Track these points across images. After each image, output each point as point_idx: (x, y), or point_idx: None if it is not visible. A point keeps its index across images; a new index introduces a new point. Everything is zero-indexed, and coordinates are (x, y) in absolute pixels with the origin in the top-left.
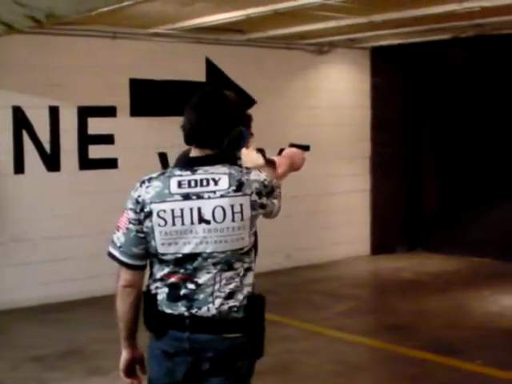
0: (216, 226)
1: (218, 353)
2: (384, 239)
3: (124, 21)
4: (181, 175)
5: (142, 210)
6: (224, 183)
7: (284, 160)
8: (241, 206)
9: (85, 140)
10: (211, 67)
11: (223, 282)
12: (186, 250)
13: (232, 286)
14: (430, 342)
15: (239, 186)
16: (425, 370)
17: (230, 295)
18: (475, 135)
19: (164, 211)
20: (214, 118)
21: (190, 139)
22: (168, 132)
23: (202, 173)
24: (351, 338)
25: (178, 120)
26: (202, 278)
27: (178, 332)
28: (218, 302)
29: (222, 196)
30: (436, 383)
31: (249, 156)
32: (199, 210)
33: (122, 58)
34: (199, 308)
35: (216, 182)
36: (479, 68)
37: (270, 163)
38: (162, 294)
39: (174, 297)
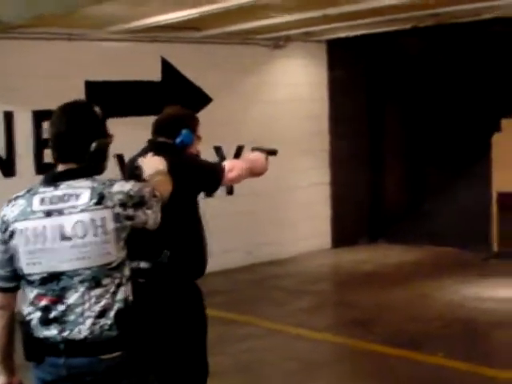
0: (78, 241)
1: (97, 376)
2: (345, 232)
3: (78, 22)
4: (44, 192)
5: (6, 229)
6: (85, 197)
7: (240, 164)
8: (102, 219)
9: (40, 144)
10: (167, 66)
11: (93, 300)
12: (51, 268)
13: (102, 303)
14: (391, 335)
15: (100, 199)
16: (387, 365)
17: (102, 313)
18: (436, 124)
19: (27, 229)
20: (72, 131)
21: (53, 154)
22: (125, 133)
23: (64, 188)
24: (312, 334)
25: (136, 120)
26: (71, 298)
27: (55, 358)
28: (88, 322)
29: (82, 211)
30: (398, 378)
31: (149, 162)
32: (61, 226)
33: (78, 59)
34: (71, 330)
35: (77, 197)
36: (439, 57)
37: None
38: (35, 318)
39: (45, 320)
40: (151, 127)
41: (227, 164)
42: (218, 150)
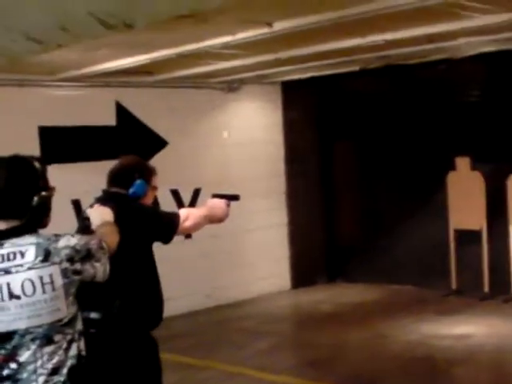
0: (27, 300)
1: None
2: (304, 272)
3: (30, 68)
4: None
5: None
6: (31, 255)
7: (196, 212)
8: (50, 276)
9: None
10: (121, 110)
11: (45, 357)
12: (1, 328)
13: (55, 360)
14: (351, 375)
15: (46, 256)
16: None
17: (55, 371)
18: (391, 161)
19: None
20: (12, 188)
21: None
22: (81, 179)
23: (8, 246)
24: (272, 377)
25: (90, 166)
26: (23, 356)
27: None
28: (41, 379)
29: (29, 268)
30: None
31: (96, 212)
32: (8, 285)
33: (31, 105)
34: None
35: (23, 255)
36: (389, 95)
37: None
38: None
39: None
40: (106, 177)
41: (182, 213)
42: (174, 193)
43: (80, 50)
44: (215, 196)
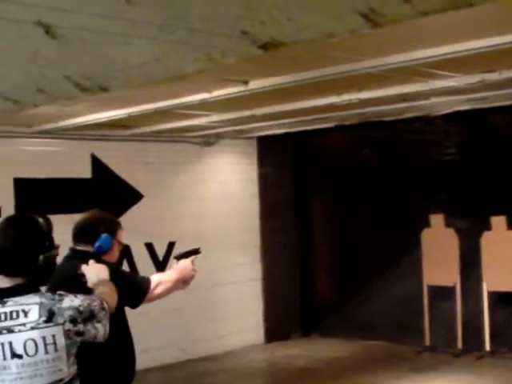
0: (29, 360)
1: None
2: (278, 326)
3: (6, 120)
4: None
5: None
6: (34, 314)
7: (166, 278)
8: (53, 336)
9: None
10: (97, 163)
11: None
12: None
13: None
14: None
15: (50, 316)
16: None
17: None
18: (364, 216)
19: None
20: (19, 247)
21: None
22: (56, 231)
23: (11, 305)
24: None
25: (65, 218)
26: None
27: None
28: None
29: (32, 328)
30: None
31: (92, 270)
32: (10, 344)
33: (6, 157)
34: None
35: (26, 314)
36: (364, 151)
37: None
38: None
39: None
40: (71, 233)
41: (154, 279)
42: (148, 246)
43: (57, 104)
44: (178, 257)
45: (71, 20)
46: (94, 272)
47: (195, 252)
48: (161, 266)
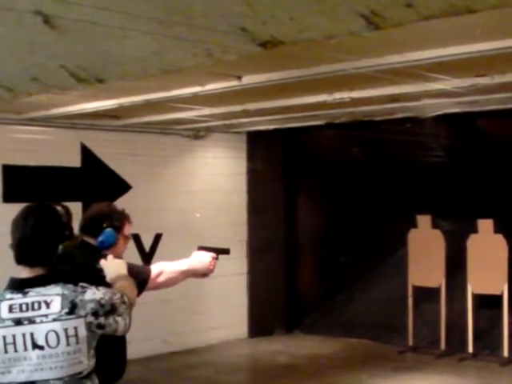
0: (50, 351)
1: None
2: (262, 322)
3: None
4: (12, 298)
5: None
6: (56, 306)
7: (171, 268)
8: (75, 329)
9: None
10: (86, 153)
11: None
12: (21, 378)
13: None
14: None
15: (72, 308)
16: None
17: None
18: (350, 215)
19: None
20: (39, 236)
21: (19, 259)
22: None
23: (33, 295)
24: None
25: None
26: None
27: None
28: None
29: (54, 320)
30: None
31: (110, 265)
32: (32, 335)
33: None
34: None
35: (48, 305)
36: (353, 149)
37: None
38: None
39: None
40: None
41: (156, 268)
42: (135, 237)
43: (50, 92)
44: (201, 249)
45: (71, 11)
46: (114, 267)
47: (224, 251)
48: (147, 256)
